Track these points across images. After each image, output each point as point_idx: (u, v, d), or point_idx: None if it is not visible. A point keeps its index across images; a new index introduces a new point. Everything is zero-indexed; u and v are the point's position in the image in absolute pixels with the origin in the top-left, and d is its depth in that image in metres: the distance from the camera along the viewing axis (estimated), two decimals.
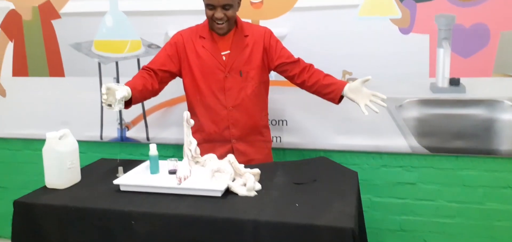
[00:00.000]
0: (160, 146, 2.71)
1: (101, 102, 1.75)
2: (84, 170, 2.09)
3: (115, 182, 1.76)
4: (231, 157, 1.75)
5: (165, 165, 1.92)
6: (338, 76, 2.43)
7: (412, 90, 2.38)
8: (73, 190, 1.80)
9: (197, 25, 2.15)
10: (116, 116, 2.76)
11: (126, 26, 2.63)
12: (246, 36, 2.11)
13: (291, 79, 2.15)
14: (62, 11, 2.69)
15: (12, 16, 2.76)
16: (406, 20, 2.33)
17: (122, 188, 1.76)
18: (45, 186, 1.84)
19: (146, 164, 1.98)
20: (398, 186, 2.52)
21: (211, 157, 1.82)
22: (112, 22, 2.65)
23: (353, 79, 2.42)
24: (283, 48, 2.16)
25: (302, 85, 2.13)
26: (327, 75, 2.09)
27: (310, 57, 2.39)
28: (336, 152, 2.54)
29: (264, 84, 2.19)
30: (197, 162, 1.81)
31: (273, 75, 2.30)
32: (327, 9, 2.39)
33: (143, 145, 2.77)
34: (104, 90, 1.74)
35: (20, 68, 2.82)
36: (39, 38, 2.74)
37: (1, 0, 2.76)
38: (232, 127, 2.11)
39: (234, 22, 2.09)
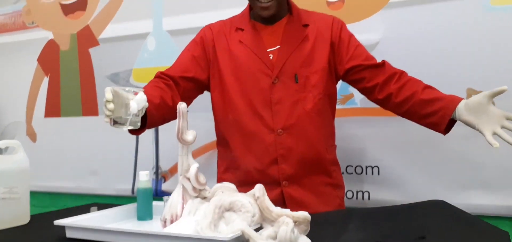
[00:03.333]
0: None
1: (105, 114, 1.07)
2: (57, 212, 1.50)
3: (57, 222, 1.09)
4: (259, 188, 0.98)
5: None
6: (461, 96, 1.61)
7: None
8: None
9: (233, 16, 1.49)
10: (151, 163, 2.15)
11: (170, 49, 2.10)
12: (306, 25, 1.42)
13: (370, 92, 1.39)
14: (101, 36, 2.27)
15: (50, 48, 2.41)
16: None
17: (69, 234, 1.08)
18: None
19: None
20: None
21: (226, 187, 1.07)
22: (155, 45, 2.15)
23: None
24: (360, 45, 1.42)
25: (386, 103, 1.36)
26: (428, 87, 1.31)
27: (416, 72, 1.62)
28: None
29: (331, 99, 1.44)
30: (204, 198, 1.06)
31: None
32: (439, 0, 1.64)
33: None
34: (109, 95, 1.04)
35: (53, 108, 2.40)
36: (75, 70, 2.32)
37: (40, 30, 2.44)
38: (282, 160, 1.35)
39: (286, 4, 1.43)
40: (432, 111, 1.27)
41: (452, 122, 1.28)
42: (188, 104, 1.45)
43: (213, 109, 1.46)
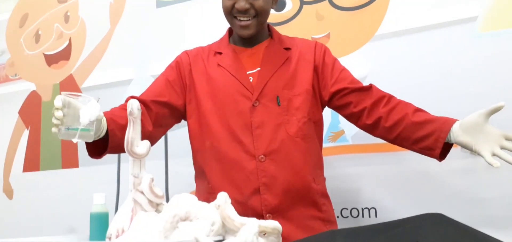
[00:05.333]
0: None
1: (53, 123, 0.99)
2: None
3: None
4: (221, 196, 0.85)
5: None
6: None
7: None
8: None
9: (212, 42, 1.42)
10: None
11: None
12: (287, 49, 1.34)
13: (358, 118, 1.29)
14: (83, 85, 2.21)
15: (32, 99, 2.34)
16: None
17: None
18: None
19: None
20: None
21: (185, 197, 0.94)
22: (139, 90, 2.07)
23: None
24: (345, 69, 1.34)
25: (375, 128, 1.27)
26: (420, 109, 1.22)
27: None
28: None
29: (316, 125, 1.33)
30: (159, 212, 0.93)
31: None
32: (426, 30, 1.59)
33: None
34: (57, 102, 0.98)
35: (32, 162, 2.29)
36: None
37: (23, 81, 2.38)
38: (265, 190, 1.22)
39: (267, 29, 1.37)
40: (425, 135, 1.17)
41: (447, 147, 1.17)
42: (163, 133, 1.36)
43: (190, 138, 1.35)
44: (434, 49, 1.57)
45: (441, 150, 1.16)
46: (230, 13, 1.29)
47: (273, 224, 0.81)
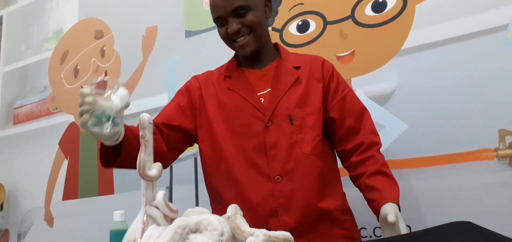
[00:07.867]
0: None
1: (82, 111, 0.96)
2: None
3: None
4: (231, 208, 0.85)
5: None
6: (492, 139, 1.46)
7: None
8: None
9: (221, 66, 1.44)
10: None
11: None
12: (297, 67, 1.35)
13: (339, 155, 1.36)
14: None
15: (71, 131, 2.45)
16: None
17: None
18: None
19: None
20: None
21: (199, 210, 0.92)
22: None
23: None
24: (345, 97, 1.33)
25: (347, 170, 1.32)
26: (380, 173, 1.24)
27: (439, 117, 1.53)
28: None
29: (326, 144, 1.34)
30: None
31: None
32: (455, 41, 1.55)
33: None
34: (86, 90, 0.94)
35: (71, 190, 2.37)
36: (93, 150, 2.32)
37: (63, 114, 2.50)
38: (282, 211, 1.20)
39: (272, 45, 1.39)
40: (370, 199, 1.23)
41: None
42: (176, 156, 1.36)
43: (202, 161, 1.35)
44: (464, 61, 1.54)
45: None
46: (227, 39, 1.31)
47: (284, 235, 0.80)
